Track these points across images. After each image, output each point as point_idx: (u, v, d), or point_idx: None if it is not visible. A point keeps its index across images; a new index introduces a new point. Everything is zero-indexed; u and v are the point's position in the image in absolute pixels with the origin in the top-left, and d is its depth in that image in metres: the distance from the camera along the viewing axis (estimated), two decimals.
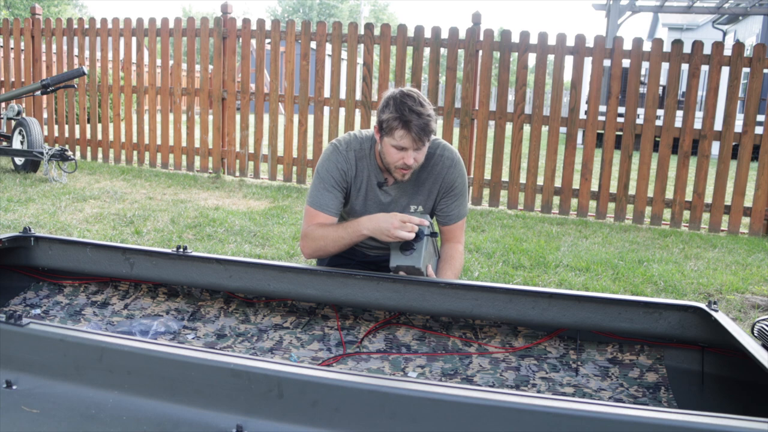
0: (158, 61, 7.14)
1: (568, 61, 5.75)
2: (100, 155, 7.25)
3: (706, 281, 3.83)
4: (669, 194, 5.75)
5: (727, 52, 5.53)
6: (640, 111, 6.58)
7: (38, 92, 6.15)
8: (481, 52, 5.90)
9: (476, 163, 5.99)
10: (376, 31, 6.14)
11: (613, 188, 6.10)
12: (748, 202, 5.71)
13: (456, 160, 2.26)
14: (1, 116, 6.61)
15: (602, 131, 5.79)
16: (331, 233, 2.15)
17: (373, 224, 2.06)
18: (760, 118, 9.58)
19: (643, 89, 10.74)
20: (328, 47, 6.52)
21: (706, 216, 5.74)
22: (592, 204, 5.93)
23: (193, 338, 2.18)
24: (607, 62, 6.54)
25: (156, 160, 6.95)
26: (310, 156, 6.92)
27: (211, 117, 7.78)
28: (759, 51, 5.34)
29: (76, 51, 7.18)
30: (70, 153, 5.86)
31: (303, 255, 2.26)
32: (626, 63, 5.76)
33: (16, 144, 6.17)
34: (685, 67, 5.63)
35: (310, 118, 6.94)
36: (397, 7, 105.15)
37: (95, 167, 6.75)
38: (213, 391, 1.38)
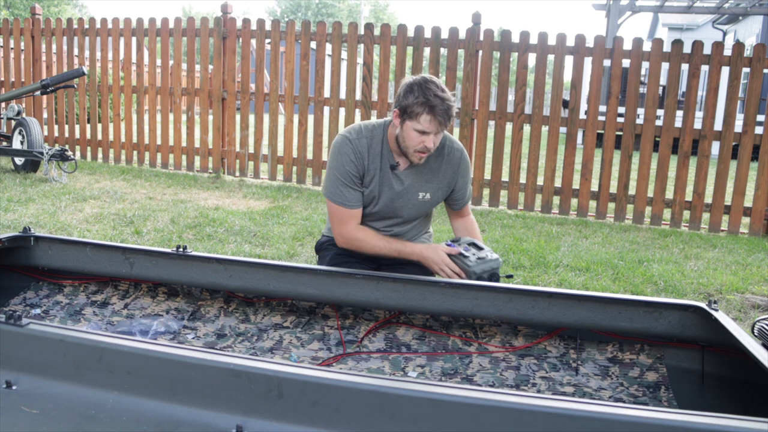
0: (158, 61, 7.14)
1: (568, 61, 5.75)
2: (100, 155, 7.25)
3: (706, 281, 3.83)
4: (669, 194, 5.75)
5: (727, 52, 5.53)
6: (640, 111, 6.59)
7: (38, 92, 6.15)
8: (481, 52, 5.90)
9: (476, 163, 5.98)
10: (376, 31, 6.14)
11: (613, 188, 6.10)
12: (748, 202, 5.71)
13: (463, 150, 2.38)
14: (1, 116, 6.61)
15: (602, 131, 5.79)
16: (388, 249, 2.28)
17: (426, 255, 2.24)
18: (760, 118, 9.58)
19: (643, 89, 10.74)
20: (328, 47, 6.52)
21: (706, 216, 5.74)
22: (592, 204, 5.93)
23: (193, 338, 2.18)
24: (607, 62, 6.54)
25: (156, 160, 6.95)
26: (310, 156, 6.92)
27: (211, 117, 7.78)
28: (759, 51, 5.34)
29: (76, 51, 7.18)
30: (70, 153, 5.86)
31: (340, 244, 2.35)
32: (626, 63, 5.76)
33: (16, 144, 6.17)
34: (685, 67, 5.63)
35: (310, 118, 6.94)
36: (397, 7, 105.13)
37: (95, 167, 6.75)
38: (213, 391, 1.38)
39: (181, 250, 2.19)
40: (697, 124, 5.87)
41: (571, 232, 5.13)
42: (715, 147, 5.89)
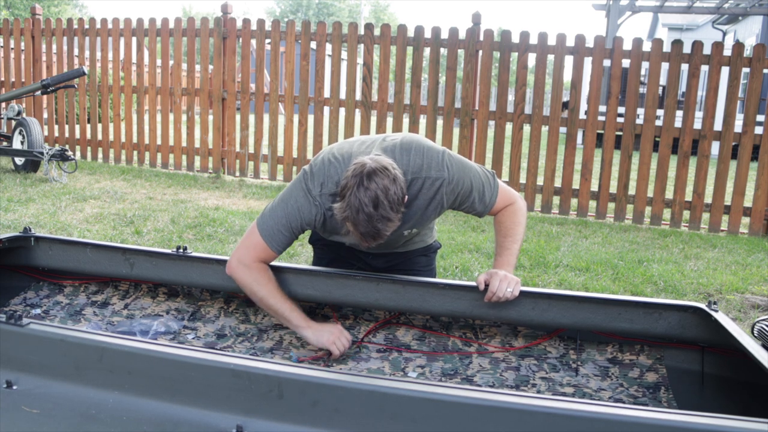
0: (158, 61, 7.14)
1: (568, 61, 5.75)
2: (100, 155, 7.25)
3: (706, 281, 3.83)
4: (669, 194, 5.75)
5: (727, 52, 5.53)
6: (640, 111, 6.58)
7: (38, 92, 6.15)
8: (481, 52, 5.90)
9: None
10: (376, 32, 6.14)
11: (613, 188, 6.10)
12: (747, 202, 5.71)
13: (448, 175, 1.95)
14: (2, 116, 6.61)
15: (602, 131, 5.79)
16: (278, 305, 1.96)
17: (314, 338, 1.96)
18: (760, 118, 9.55)
19: (643, 89, 10.72)
20: (328, 47, 6.52)
21: (706, 216, 5.74)
22: (592, 204, 5.93)
23: (193, 338, 2.18)
24: (607, 62, 6.54)
25: (156, 160, 6.95)
26: (309, 156, 6.91)
27: (211, 117, 7.78)
28: (759, 51, 5.34)
29: (76, 51, 7.18)
30: (70, 153, 5.86)
31: (227, 270, 2.00)
32: (626, 63, 5.76)
33: (17, 144, 6.17)
34: (685, 67, 5.63)
35: (310, 118, 6.94)
36: (397, 7, 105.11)
37: (95, 167, 6.75)
38: (213, 392, 1.38)
39: (181, 250, 2.19)
40: (697, 124, 5.87)
41: (571, 232, 5.13)
42: (715, 147, 5.89)
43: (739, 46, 5.44)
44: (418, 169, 1.94)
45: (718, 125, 5.73)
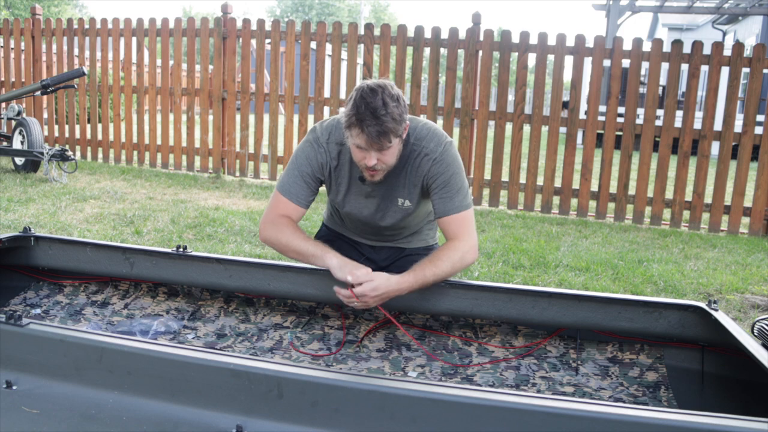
0: (158, 61, 7.14)
1: (568, 61, 5.75)
2: (100, 155, 7.25)
3: (706, 281, 3.83)
4: (669, 194, 5.75)
5: (727, 52, 5.53)
6: (640, 111, 6.58)
7: (38, 92, 6.15)
8: (481, 52, 5.90)
9: (476, 163, 5.98)
10: (376, 32, 6.14)
11: (613, 188, 6.10)
12: (747, 202, 5.71)
13: (439, 154, 2.04)
14: (2, 116, 6.61)
15: (602, 131, 5.79)
16: (301, 245, 2.03)
17: (337, 267, 1.95)
18: (760, 118, 9.56)
19: (642, 89, 10.72)
20: (328, 47, 6.52)
21: (705, 216, 5.74)
22: (592, 204, 5.93)
23: (193, 338, 2.18)
24: (607, 62, 6.54)
25: (156, 160, 6.95)
26: None
27: (211, 117, 7.78)
28: (759, 51, 5.34)
29: (76, 51, 7.18)
30: (70, 153, 5.86)
31: (260, 236, 2.12)
32: (626, 63, 5.76)
33: (17, 144, 6.17)
34: (684, 67, 5.63)
35: (310, 118, 6.94)
36: (397, 7, 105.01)
37: (95, 167, 6.75)
38: (213, 391, 1.38)
39: (181, 250, 2.19)
40: (697, 124, 5.87)
41: (571, 232, 5.13)
42: (715, 147, 5.90)
43: (739, 46, 5.44)
44: (422, 137, 2.08)
45: (718, 125, 5.73)
